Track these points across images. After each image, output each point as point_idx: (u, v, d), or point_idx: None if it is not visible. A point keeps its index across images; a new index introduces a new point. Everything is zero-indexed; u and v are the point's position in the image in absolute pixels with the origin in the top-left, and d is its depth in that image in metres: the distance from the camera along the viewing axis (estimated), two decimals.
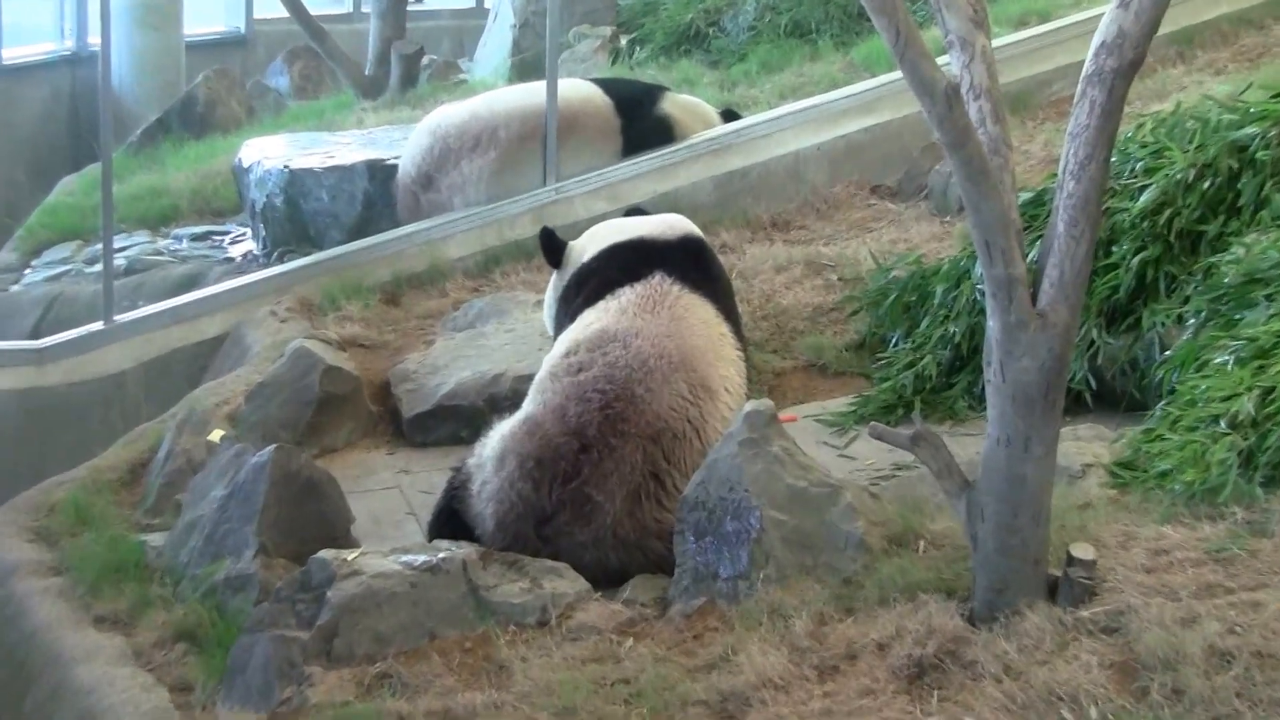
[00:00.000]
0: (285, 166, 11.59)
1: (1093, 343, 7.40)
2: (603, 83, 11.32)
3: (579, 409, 6.56)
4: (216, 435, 7.78)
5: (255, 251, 11.86)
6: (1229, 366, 6.40)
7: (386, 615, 5.83)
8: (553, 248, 7.72)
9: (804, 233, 10.20)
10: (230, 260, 11.89)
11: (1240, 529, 5.56)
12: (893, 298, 8.40)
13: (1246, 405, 6.05)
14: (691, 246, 7.48)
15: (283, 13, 16.80)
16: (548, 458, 6.50)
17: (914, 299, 8.31)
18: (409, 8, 16.83)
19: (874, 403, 7.84)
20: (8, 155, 17.00)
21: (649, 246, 7.37)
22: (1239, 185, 7.41)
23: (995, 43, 5.46)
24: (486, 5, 18.68)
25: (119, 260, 11.62)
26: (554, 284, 7.77)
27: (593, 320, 6.96)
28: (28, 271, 12.78)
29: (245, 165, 12.04)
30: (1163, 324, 7.23)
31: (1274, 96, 7.72)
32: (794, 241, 10.00)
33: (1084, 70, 5.13)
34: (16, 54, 17.61)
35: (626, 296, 7.05)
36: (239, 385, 8.54)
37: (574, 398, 6.58)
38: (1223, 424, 6.07)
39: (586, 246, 7.60)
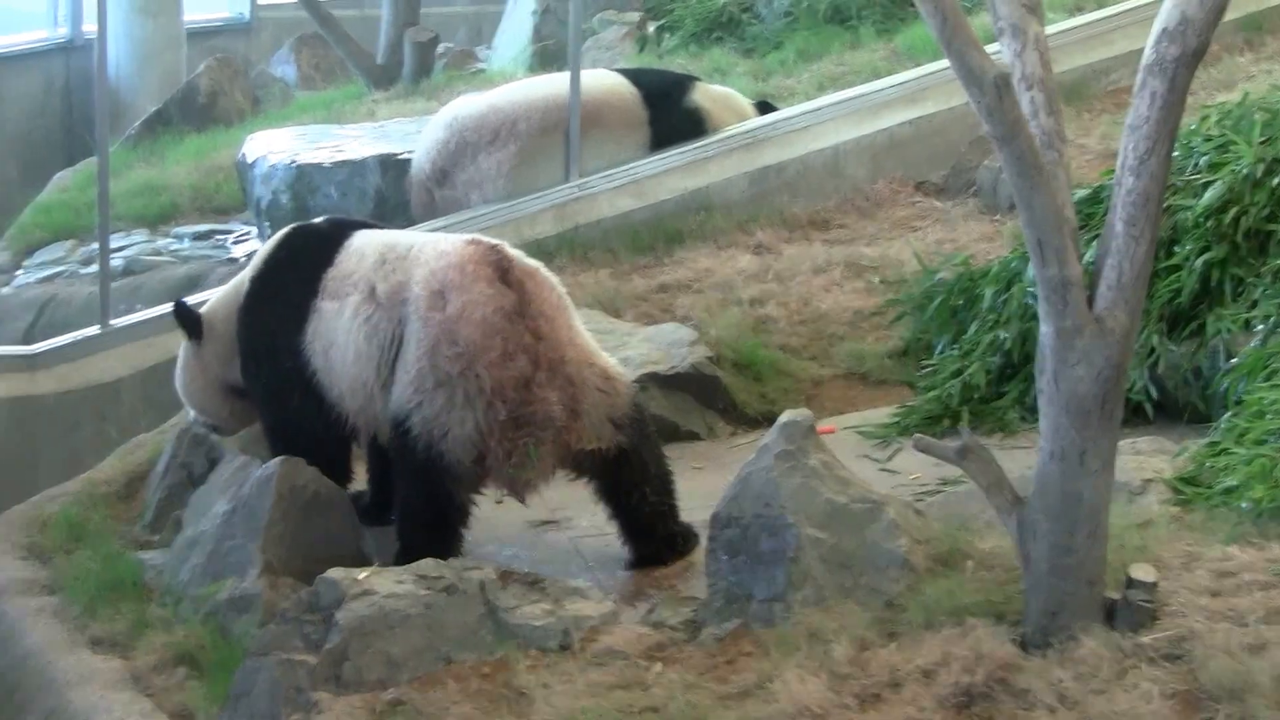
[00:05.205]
0: (292, 161, 11.62)
1: (1153, 350, 7.38)
2: (629, 73, 11.33)
3: (477, 289, 6.63)
4: None
5: None
6: None
7: (399, 638, 5.83)
8: (189, 318, 7.50)
9: (844, 232, 10.20)
10: (234, 261, 11.92)
11: None
12: (939, 301, 8.39)
13: None
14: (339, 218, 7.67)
15: None
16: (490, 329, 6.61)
17: (961, 303, 8.30)
18: None
19: (918, 413, 7.83)
20: None
21: (312, 226, 7.43)
22: None
23: (1049, 29, 5.46)
24: None
25: (116, 261, 11.66)
26: (194, 355, 7.55)
27: (360, 289, 6.90)
28: (19, 272, 12.83)
29: (250, 160, 12.07)
30: (1228, 330, 7.21)
31: None
32: (833, 241, 10.00)
33: (1144, 59, 5.13)
34: (7, 42, 17.69)
35: (355, 250, 7.04)
36: None
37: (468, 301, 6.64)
38: None
39: (238, 284, 7.44)
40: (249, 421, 7.53)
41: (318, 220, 7.57)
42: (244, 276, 7.42)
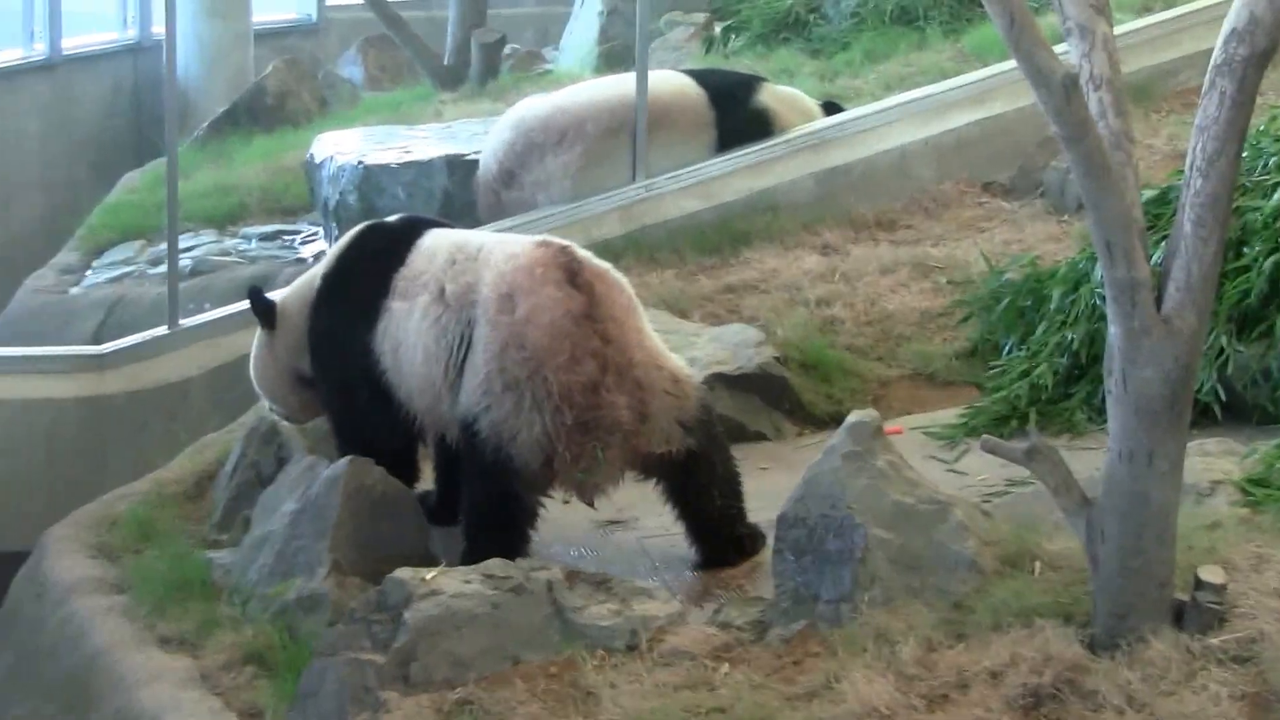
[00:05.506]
0: (359, 162, 11.66)
1: (1222, 350, 7.35)
2: (696, 73, 11.34)
3: (545, 292, 6.62)
4: None
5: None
6: None
7: (467, 638, 5.85)
8: (264, 307, 7.52)
9: (911, 233, 10.18)
10: (302, 261, 11.97)
11: None
12: (1006, 302, 8.37)
13: None
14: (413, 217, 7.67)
15: None
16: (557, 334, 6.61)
17: (1029, 303, 8.29)
18: None
19: (986, 414, 7.81)
20: (68, 150, 17.18)
21: (386, 224, 7.44)
22: None
23: (1117, 29, 5.45)
24: None
25: (184, 261, 11.73)
26: (267, 344, 7.57)
27: (429, 288, 6.91)
28: (89, 273, 12.93)
29: (317, 160, 12.13)
30: None
31: None
32: (900, 242, 9.99)
33: (1213, 59, 5.11)
34: (77, 44, 17.78)
35: (426, 251, 7.04)
36: None
37: (537, 307, 6.63)
38: None
39: (311, 278, 7.47)
40: (319, 412, 7.57)
41: (392, 218, 7.59)
42: (317, 271, 7.45)
